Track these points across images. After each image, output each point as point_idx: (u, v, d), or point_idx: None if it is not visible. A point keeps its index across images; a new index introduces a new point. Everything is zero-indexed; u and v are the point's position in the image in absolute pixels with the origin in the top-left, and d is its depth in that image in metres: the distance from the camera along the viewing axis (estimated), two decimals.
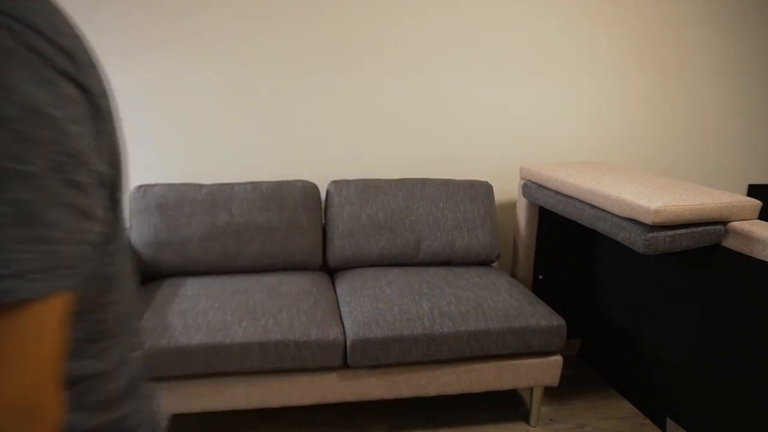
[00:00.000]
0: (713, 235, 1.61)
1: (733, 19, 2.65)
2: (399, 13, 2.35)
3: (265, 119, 2.39)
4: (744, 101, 2.79)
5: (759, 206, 1.63)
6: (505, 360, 1.90)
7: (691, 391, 1.82)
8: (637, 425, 2.02)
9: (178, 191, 2.14)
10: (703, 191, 1.72)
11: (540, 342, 1.86)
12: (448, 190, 2.33)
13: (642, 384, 2.07)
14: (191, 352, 1.63)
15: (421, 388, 1.86)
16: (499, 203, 2.68)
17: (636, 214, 1.59)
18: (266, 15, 2.27)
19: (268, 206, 2.18)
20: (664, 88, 2.68)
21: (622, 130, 2.70)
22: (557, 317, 1.89)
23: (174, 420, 2.00)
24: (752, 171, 2.91)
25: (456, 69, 2.46)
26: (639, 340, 2.06)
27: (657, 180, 1.91)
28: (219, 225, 2.13)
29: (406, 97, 2.46)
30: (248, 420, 2.01)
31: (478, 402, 2.17)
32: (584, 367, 2.42)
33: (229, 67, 2.30)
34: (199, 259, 2.12)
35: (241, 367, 1.68)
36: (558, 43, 2.51)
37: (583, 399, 2.18)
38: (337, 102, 2.42)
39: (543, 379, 1.94)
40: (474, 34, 2.43)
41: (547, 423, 2.03)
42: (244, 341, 1.66)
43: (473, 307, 1.89)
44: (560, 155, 2.67)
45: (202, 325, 1.70)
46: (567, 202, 1.95)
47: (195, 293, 1.92)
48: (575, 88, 2.59)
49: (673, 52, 2.63)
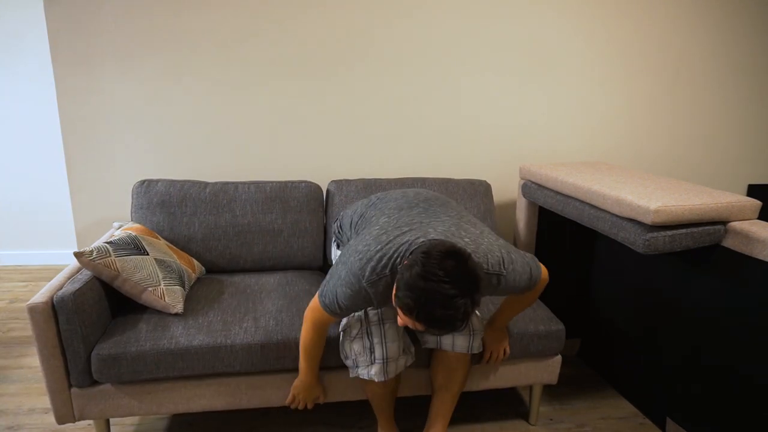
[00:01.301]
0: (713, 235, 1.61)
1: (733, 20, 2.64)
2: (399, 14, 2.35)
3: (265, 119, 2.39)
4: (744, 101, 2.79)
5: (759, 206, 1.63)
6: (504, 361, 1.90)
7: (691, 391, 1.82)
8: (637, 425, 2.02)
9: (182, 189, 2.14)
10: (703, 191, 1.72)
11: (539, 346, 1.86)
12: (447, 188, 2.33)
13: (642, 384, 2.07)
14: (193, 352, 1.63)
15: (420, 388, 1.86)
16: (499, 203, 2.68)
17: (636, 214, 1.59)
18: (269, 15, 2.27)
19: (272, 208, 2.18)
20: (664, 89, 2.68)
21: (622, 130, 2.70)
22: (556, 321, 1.89)
23: (175, 419, 2.00)
24: (752, 171, 2.91)
25: (456, 69, 2.46)
26: (639, 340, 2.06)
27: (657, 180, 1.91)
28: (222, 225, 2.13)
29: (407, 97, 2.46)
30: (249, 419, 2.01)
31: (478, 400, 2.17)
32: (584, 367, 2.41)
33: (230, 67, 2.31)
34: (202, 258, 2.12)
35: (243, 368, 1.68)
36: (558, 43, 2.50)
37: (583, 399, 2.18)
38: (337, 102, 2.42)
39: (542, 378, 1.94)
40: (474, 35, 2.43)
41: (547, 423, 2.03)
42: (246, 342, 1.67)
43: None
44: (560, 155, 2.67)
45: (203, 325, 1.71)
46: (567, 202, 1.95)
47: (196, 293, 1.92)
48: (575, 88, 2.58)
49: (673, 53, 2.63)
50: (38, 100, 3.33)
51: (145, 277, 1.71)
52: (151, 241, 1.87)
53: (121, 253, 1.70)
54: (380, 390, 1.66)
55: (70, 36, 2.18)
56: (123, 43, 2.22)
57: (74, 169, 2.34)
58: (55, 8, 2.15)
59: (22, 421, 1.97)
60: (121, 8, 2.18)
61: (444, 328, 1.21)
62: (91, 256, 1.63)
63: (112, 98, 2.27)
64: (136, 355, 1.60)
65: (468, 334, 1.68)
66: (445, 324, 1.20)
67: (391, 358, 1.57)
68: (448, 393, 1.74)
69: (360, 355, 1.58)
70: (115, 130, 2.31)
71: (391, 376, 1.59)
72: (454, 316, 1.19)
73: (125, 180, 2.37)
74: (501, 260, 1.42)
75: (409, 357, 1.66)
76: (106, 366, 1.59)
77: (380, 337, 1.57)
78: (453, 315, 1.19)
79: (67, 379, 1.62)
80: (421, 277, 1.19)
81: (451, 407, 1.76)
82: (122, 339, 1.63)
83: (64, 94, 2.24)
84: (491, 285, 1.43)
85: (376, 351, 1.56)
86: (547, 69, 2.53)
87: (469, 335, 1.68)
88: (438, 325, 1.20)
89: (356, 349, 1.59)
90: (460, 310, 1.19)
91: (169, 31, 2.23)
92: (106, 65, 2.23)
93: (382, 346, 1.56)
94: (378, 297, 1.40)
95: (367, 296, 1.40)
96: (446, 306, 1.18)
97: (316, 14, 2.30)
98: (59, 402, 1.62)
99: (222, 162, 2.42)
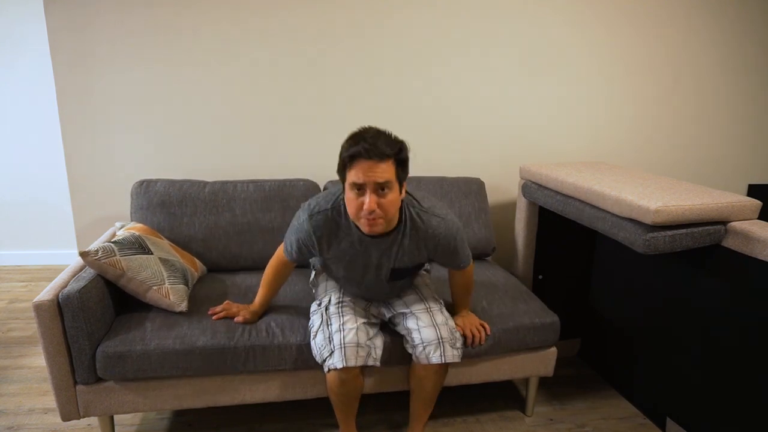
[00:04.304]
0: (713, 235, 1.62)
1: (734, 20, 2.66)
2: (399, 14, 2.36)
3: (264, 118, 2.40)
4: (744, 101, 2.81)
5: (759, 206, 1.64)
6: (500, 354, 1.92)
7: (691, 391, 1.83)
8: (637, 425, 2.03)
9: (181, 189, 2.15)
10: (703, 191, 1.73)
11: (534, 339, 1.89)
12: (442, 186, 2.35)
13: (642, 384, 2.08)
14: (197, 352, 1.64)
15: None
16: (499, 203, 2.69)
17: (636, 214, 1.60)
18: (269, 15, 2.28)
19: (271, 207, 2.18)
20: (664, 89, 2.69)
21: (622, 130, 2.71)
22: (551, 314, 1.92)
23: (175, 420, 2.01)
24: (752, 171, 2.93)
25: (456, 69, 2.47)
26: (639, 340, 2.07)
27: (657, 180, 1.92)
28: (222, 225, 2.13)
29: (406, 97, 2.47)
30: (248, 419, 2.02)
31: (475, 395, 2.18)
32: (584, 367, 2.43)
33: (229, 66, 2.31)
34: (203, 258, 2.12)
35: (245, 369, 1.69)
36: (559, 43, 2.52)
37: (583, 399, 2.19)
38: (335, 101, 2.43)
39: (538, 370, 1.96)
40: (474, 35, 2.44)
41: (547, 423, 2.04)
42: (248, 345, 1.67)
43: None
44: (560, 155, 2.69)
45: (207, 325, 1.71)
46: (567, 202, 1.96)
47: (199, 292, 1.93)
48: (575, 88, 2.60)
49: (673, 53, 2.65)
50: (38, 100, 3.33)
51: (149, 276, 1.71)
52: (154, 240, 1.88)
53: (125, 253, 1.70)
54: (340, 387, 1.63)
55: (69, 35, 2.19)
56: (123, 42, 2.22)
57: (74, 169, 2.34)
58: (55, 8, 2.15)
59: (22, 421, 1.96)
60: (121, 8, 2.18)
61: (373, 141, 1.39)
62: (96, 256, 1.63)
63: (111, 98, 2.27)
64: (142, 353, 1.61)
65: (437, 342, 1.67)
66: (373, 138, 1.40)
67: (349, 344, 1.59)
68: (420, 398, 1.77)
69: (323, 347, 1.62)
70: (115, 129, 2.31)
71: (350, 363, 1.57)
72: (379, 135, 1.42)
73: (125, 180, 2.37)
74: (446, 214, 1.63)
75: (371, 358, 1.64)
76: (111, 363, 1.59)
77: (338, 325, 1.63)
78: (378, 136, 1.41)
79: (72, 377, 1.62)
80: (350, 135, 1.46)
81: (425, 411, 1.80)
82: (127, 337, 1.63)
83: (64, 94, 2.25)
84: (430, 226, 1.59)
85: (335, 338, 1.61)
86: (548, 69, 2.55)
87: (439, 344, 1.66)
88: (366, 140, 1.39)
89: (319, 342, 1.63)
90: (383, 133, 1.43)
91: (169, 31, 2.24)
92: (106, 65, 2.23)
93: (341, 332, 1.61)
94: (318, 231, 1.57)
95: (309, 231, 1.58)
96: (372, 132, 1.43)
97: (316, 13, 2.31)
98: (64, 399, 1.62)
99: (221, 161, 2.42)
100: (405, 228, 1.58)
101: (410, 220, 1.58)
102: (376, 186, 1.40)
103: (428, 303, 1.75)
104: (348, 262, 1.64)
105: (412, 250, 1.61)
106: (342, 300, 1.73)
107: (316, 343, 1.65)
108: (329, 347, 1.60)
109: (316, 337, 1.65)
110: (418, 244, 1.61)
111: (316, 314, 1.72)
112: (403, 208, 1.58)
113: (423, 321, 1.69)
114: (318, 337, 1.64)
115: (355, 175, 1.40)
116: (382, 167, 1.39)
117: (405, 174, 1.49)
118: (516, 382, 2.30)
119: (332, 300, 1.73)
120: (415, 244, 1.61)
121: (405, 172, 1.49)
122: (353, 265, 1.65)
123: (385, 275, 1.67)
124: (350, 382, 1.63)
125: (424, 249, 1.63)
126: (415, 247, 1.61)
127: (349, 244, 1.60)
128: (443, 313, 1.74)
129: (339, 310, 1.69)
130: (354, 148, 1.39)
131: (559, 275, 2.39)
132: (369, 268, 1.65)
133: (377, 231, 1.48)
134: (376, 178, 1.39)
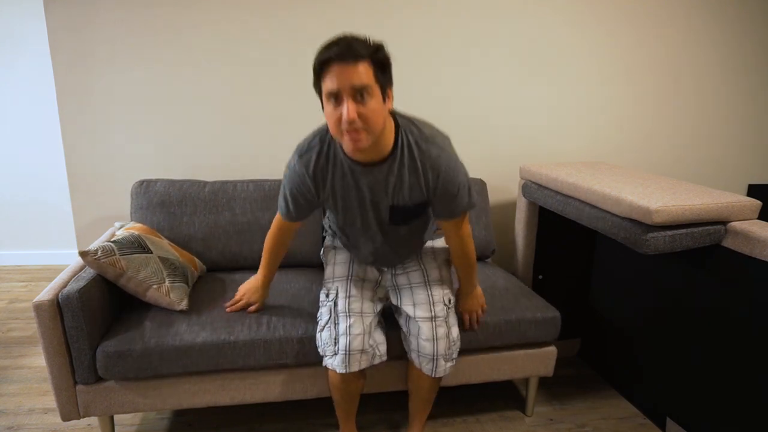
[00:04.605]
0: (713, 235, 1.62)
1: (734, 20, 2.66)
2: (399, 13, 2.36)
3: (263, 117, 2.40)
4: (744, 101, 2.81)
5: (759, 206, 1.64)
6: (500, 351, 1.92)
7: (691, 391, 1.83)
8: (637, 425, 2.03)
9: (181, 188, 2.15)
10: (703, 191, 1.73)
11: (535, 333, 1.89)
12: None
13: (642, 384, 2.08)
14: (197, 349, 1.64)
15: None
16: (500, 203, 2.69)
17: (636, 214, 1.60)
18: (268, 15, 2.28)
19: (271, 206, 2.19)
20: (664, 89, 2.69)
21: (622, 130, 2.71)
22: (552, 309, 1.92)
23: (175, 420, 2.01)
24: (752, 171, 2.93)
25: (456, 69, 2.47)
26: (639, 340, 2.07)
27: (657, 180, 1.92)
28: (222, 224, 2.14)
29: (406, 97, 2.47)
30: (248, 419, 2.02)
31: (474, 394, 2.18)
32: (584, 367, 2.43)
33: (229, 66, 2.31)
34: (202, 257, 2.12)
35: (245, 364, 1.69)
36: (558, 44, 2.52)
37: (583, 399, 2.19)
38: None
39: (538, 370, 1.96)
40: (474, 35, 2.44)
41: (547, 423, 2.04)
42: (248, 339, 1.67)
43: None
44: (560, 155, 2.69)
45: (206, 323, 1.71)
46: (567, 202, 1.96)
47: (199, 291, 1.93)
48: (575, 88, 2.60)
49: (673, 53, 2.65)
50: (38, 99, 3.33)
51: (149, 275, 1.71)
52: (154, 240, 1.88)
53: (125, 252, 1.70)
54: (341, 384, 1.63)
55: (69, 35, 2.19)
56: (123, 42, 2.22)
57: (74, 169, 2.34)
58: (55, 7, 2.15)
59: (22, 421, 1.96)
60: (121, 8, 2.18)
61: (346, 43, 1.26)
62: (96, 255, 1.63)
63: (111, 98, 2.27)
64: (142, 351, 1.61)
65: (431, 357, 1.64)
66: (345, 40, 1.27)
67: (353, 351, 1.56)
68: (418, 398, 1.77)
69: (327, 345, 1.60)
70: (115, 129, 2.31)
71: (352, 369, 1.56)
72: (354, 38, 1.28)
73: (125, 180, 2.37)
74: (448, 146, 1.48)
75: (377, 356, 1.63)
76: (111, 363, 1.59)
77: (346, 326, 1.58)
78: (352, 38, 1.28)
79: (72, 377, 1.62)
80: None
81: (423, 411, 1.80)
82: (127, 336, 1.63)
83: (64, 94, 2.25)
84: (429, 156, 1.45)
85: (340, 341, 1.57)
86: (548, 69, 2.55)
87: (432, 359, 1.64)
88: (338, 44, 1.26)
89: (324, 338, 1.61)
90: (358, 37, 1.29)
91: (169, 31, 2.24)
92: (106, 65, 2.23)
93: (347, 337, 1.57)
94: (311, 168, 1.48)
95: (302, 172, 1.49)
96: (346, 36, 1.29)
97: (316, 13, 2.31)
98: (64, 399, 1.62)
99: (221, 161, 2.42)
100: (402, 156, 1.43)
101: (407, 147, 1.43)
102: (354, 91, 1.26)
103: (434, 307, 1.64)
104: (343, 199, 1.53)
105: (412, 182, 1.47)
106: (350, 294, 1.65)
107: (321, 337, 1.63)
108: (333, 348, 1.59)
109: (322, 331, 1.63)
110: (417, 174, 1.46)
111: (325, 307, 1.66)
112: (400, 133, 1.43)
113: (424, 333, 1.62)
114: (324, 333, 1.62)
115: (330, 81, 1.26)
116: (359, 69, 1.25)
117: (387, 80, 1.34)
118: (516, 382, 2.30)
119: (340, 293, 1.65)
120: (414, 175, 1.46)
121: (387, 77, 1.34)
122: (348, 203, 1.54)
123: (385, 217, 1.57)
124: (352, 381, 1.63)
125: (423, 184, 1.48)
126: (415, 179, 1.47)
127: (341, 177, 1.48)
128: (447, 322, 1.64)
129: (347, 307, 1.62)
130: (325, 53, 1.26)
131: (559, 275, 2.39)
132: (365, 207, 1.54)
133: (362, 146, 1.32)
134: (352, 81, 1.24)
